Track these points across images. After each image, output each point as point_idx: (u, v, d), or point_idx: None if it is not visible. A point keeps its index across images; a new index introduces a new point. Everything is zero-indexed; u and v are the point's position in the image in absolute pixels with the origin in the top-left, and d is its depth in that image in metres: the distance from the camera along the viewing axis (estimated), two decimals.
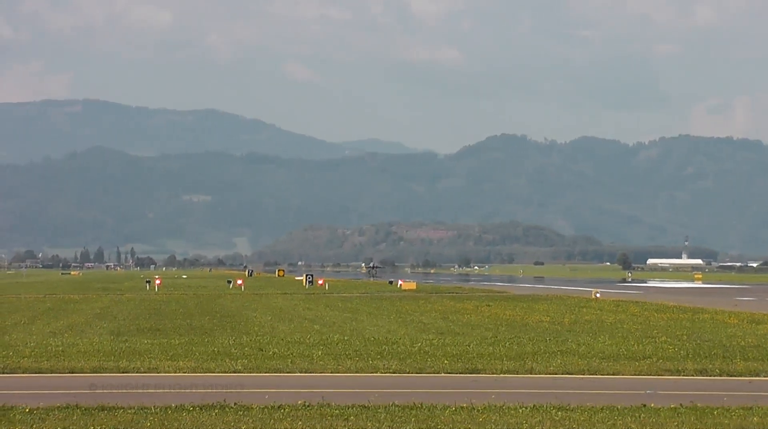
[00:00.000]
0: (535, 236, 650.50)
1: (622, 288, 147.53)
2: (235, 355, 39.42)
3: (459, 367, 35.98)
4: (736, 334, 51.67)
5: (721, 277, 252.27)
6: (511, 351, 41.20)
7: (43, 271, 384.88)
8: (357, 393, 29.50)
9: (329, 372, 35.09)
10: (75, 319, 63.38)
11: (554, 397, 28.83)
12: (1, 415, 25.73)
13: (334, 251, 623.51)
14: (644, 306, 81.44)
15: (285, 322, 60.69)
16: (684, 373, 35.77)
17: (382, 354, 39.74)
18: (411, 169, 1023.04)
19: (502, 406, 27.14)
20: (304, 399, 27.82)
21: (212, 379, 32.72)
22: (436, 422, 25.03)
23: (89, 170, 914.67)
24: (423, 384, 32.42)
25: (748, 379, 34.49)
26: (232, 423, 24.84)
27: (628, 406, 27.18)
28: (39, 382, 33.05)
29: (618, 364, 37.08)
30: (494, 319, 63.45)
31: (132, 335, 50.26)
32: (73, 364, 36.56)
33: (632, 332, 52.70)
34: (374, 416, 25.64)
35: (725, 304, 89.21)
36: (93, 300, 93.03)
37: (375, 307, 78.26)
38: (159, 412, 26.05)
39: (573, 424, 24.87)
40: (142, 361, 37.24)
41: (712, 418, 25.85)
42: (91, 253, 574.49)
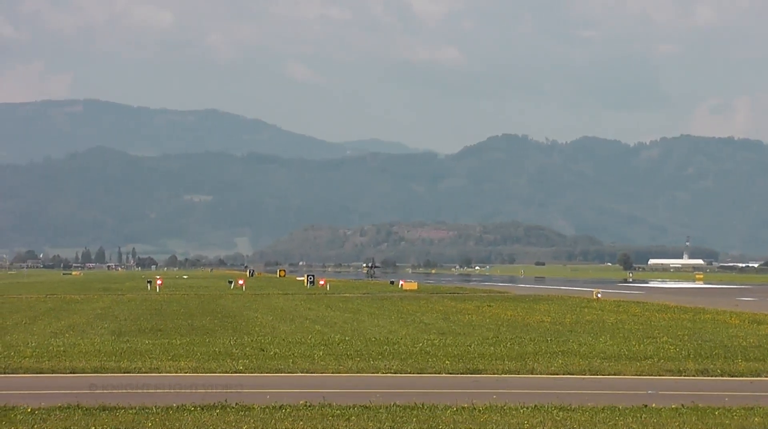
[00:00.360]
0: (536, 236, 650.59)
1: (624, 288, 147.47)
2: (236, 355, 39.42)
3: (460, 368, 35.97)
4: (738, 334, 51.66)
5: (722, 278, 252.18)
6: (513, 351, 41.19)
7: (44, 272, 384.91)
8: (358, 393, 29.50)
9: (330, 372, 35.09)
10: (76, 320, 63.39)
11: (555, 397, 28.82)
12: (3, 415, 25.74)
13: (335, 251, 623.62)
14: (645, 306, 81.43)
15: (286, 323, 60.69)
16: (685, 373, 35.76)
17: (383, 354, 39.74)
18: (412, 169, 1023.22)
19: (503, 406, 27.14)
20: (305, 399, 27.82)
21: (213, 380, 32.72)
22: (438, 422, 25.03)
23: (90, 170, 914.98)
24: (424, 384, 32.42)
25: (749, 380, 34.49)
26: (234, 423, 24.84)
27: (630, 407, 27.17)
28: (40, 382, 33.06)
29: (619, 365, 37.07)
30: (495, 320, 63.44)
31: (133, 335, 50.25)
32: (74, 364, 36.56)
33: (633, 332, 52.68)
34: (375, 416, 25.64)
35: (726, 304, 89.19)
36: (94, 300, 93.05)
37: (376, 308, 78.26)
38: (160, 412, 26.05)
39: (574, 425, 24.86)
40: (144, 361, 37.23)
41: (714, 418, 25.84)
42: (92, 253, 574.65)
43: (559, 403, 27.60)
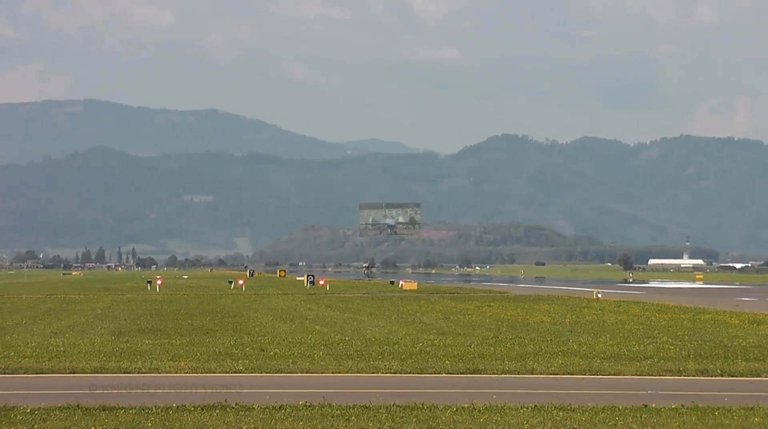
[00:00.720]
0: (536, 236, 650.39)
1: (624, 288, 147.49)
2: (236, 355, 39.42)
3: (460, 368, 35.97)
4: (738, 334, 51.67)
5: (722, 278, 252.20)
6: (513, 351, 41.19)
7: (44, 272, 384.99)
8: (358, 393, 29.51)
9: (330, 372, 35.10)
10: (76, 320, 63.41)
11: (555, 397, 28.84)
12: (3, 415, 25.75)
13: (336, 251, 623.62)
14: (645, 306, 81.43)
15: (286, 323, 60.69)
16: (685, 373, 35.77)
17: (383, 354, 39.74)
18: (412, 169, 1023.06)
19: (503, 406, 27.15)
20: (305, 399, 27.83)
21: (213, 380, 32.74)
22: (438, 422, 25.04)
23: (90, 170, 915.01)
24: (424, 384, 32.43)
25: (749, 380, 34.50)
26: (234, 423, 24.86)
27: (630, 407, 27.18)
28: (40, 382, 33.07)
29: (619, 365, 37.07)
30: (495, 320, 63.45)
31: (133, 335, 50.27)
32: (74, 364, 36.57)
33: (633, 333, 52.68)
34: (375, 416, 25.65)
35: (726, 304, 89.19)
36: (94, 300, 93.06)
37: (376, 308, 78.27)
38: (160, 412, 26.06)
39: (574, 425, 24.87)
40: (144, 361, 37.24)
41: (714, 418, 25.86)
42: (92, 253, 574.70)
43: (559, 403, 27.62)
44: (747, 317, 66.10)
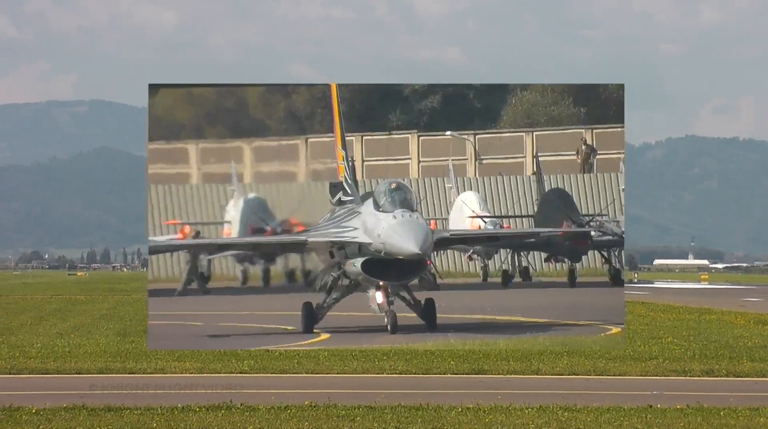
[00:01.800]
0: None
1: (629, 288, 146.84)
2: (241, 355, 39.39)
3: (465, 368, 35.92)
4: (743, 334, 51.54)
5: (727, 278, 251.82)
6: (518, 352, 41.13)
7: (49, 272, 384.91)
8: (363, 393, 29.48)
9: (335, 373, 35.08)
10: (81, 320, 63.35)
11: (560, 397, 28.81)
12: (8, 415, 25.79)
13: None
14: (650, 306, 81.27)
15: None
16: (690, 373, 35.71)
17: (388, 355, 39.70)
18: None
19: (508, 406, 27.14)
20: (310, 399, 27.82)
21: (218, 380, 32.74)
22: (443, 423, 25.04)
23: (95, 171, 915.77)
24: (429, 384, 32.42)
25: (754, 380, 34.45)
26: (239, 423, 24.87)
27: (635, 407, 27.16)
28: (45, 382, 33.11)
29: (624, 365, 37.00)
30: None
31: (138, 336, 50.23)
32: (79, 364, 36.55)
33: (638, 333, 52.57)
34: (380, 417, 25.65)
35: (732, 304, 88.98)
36: (99, 301, 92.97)
37: None
38: (165, 412, 26.08)
39: (579, 425, 24.87)
40: (149, 361, 37.22)
41: (719, 418, 25.84)
42: (97, 253, 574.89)
43: (564, 403, 27.58)
44: (752, 318, 65.94)
